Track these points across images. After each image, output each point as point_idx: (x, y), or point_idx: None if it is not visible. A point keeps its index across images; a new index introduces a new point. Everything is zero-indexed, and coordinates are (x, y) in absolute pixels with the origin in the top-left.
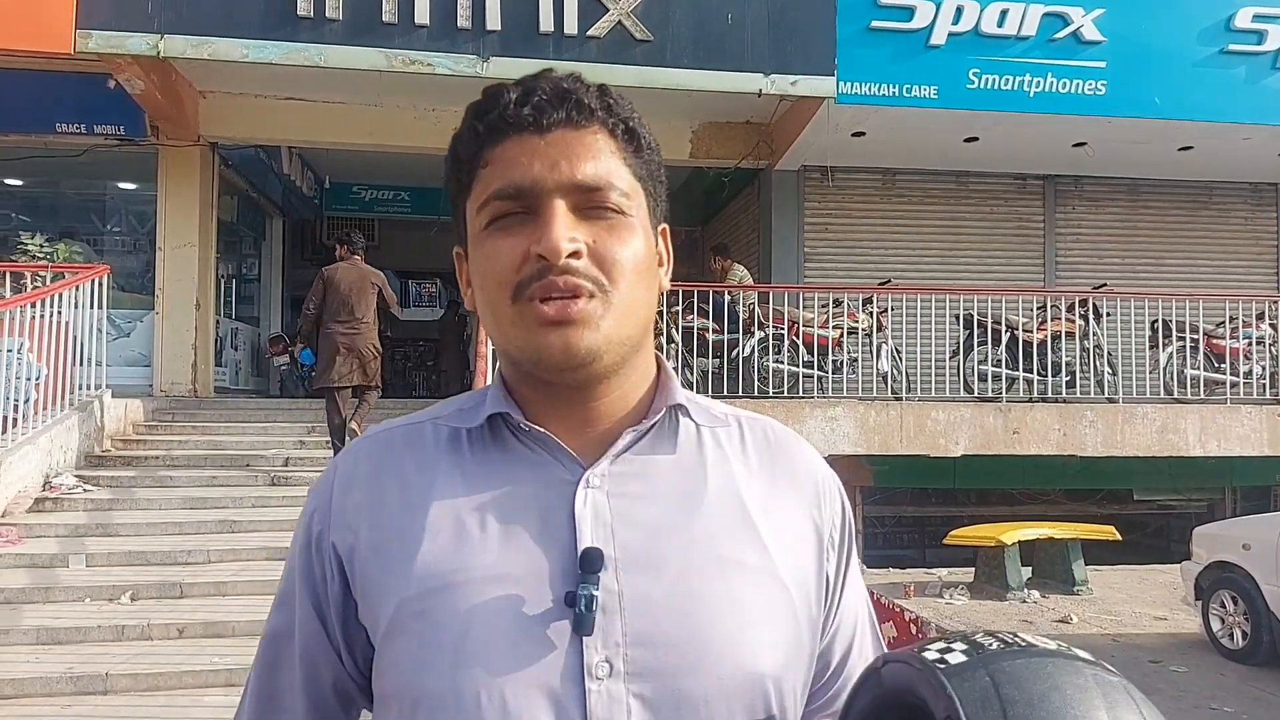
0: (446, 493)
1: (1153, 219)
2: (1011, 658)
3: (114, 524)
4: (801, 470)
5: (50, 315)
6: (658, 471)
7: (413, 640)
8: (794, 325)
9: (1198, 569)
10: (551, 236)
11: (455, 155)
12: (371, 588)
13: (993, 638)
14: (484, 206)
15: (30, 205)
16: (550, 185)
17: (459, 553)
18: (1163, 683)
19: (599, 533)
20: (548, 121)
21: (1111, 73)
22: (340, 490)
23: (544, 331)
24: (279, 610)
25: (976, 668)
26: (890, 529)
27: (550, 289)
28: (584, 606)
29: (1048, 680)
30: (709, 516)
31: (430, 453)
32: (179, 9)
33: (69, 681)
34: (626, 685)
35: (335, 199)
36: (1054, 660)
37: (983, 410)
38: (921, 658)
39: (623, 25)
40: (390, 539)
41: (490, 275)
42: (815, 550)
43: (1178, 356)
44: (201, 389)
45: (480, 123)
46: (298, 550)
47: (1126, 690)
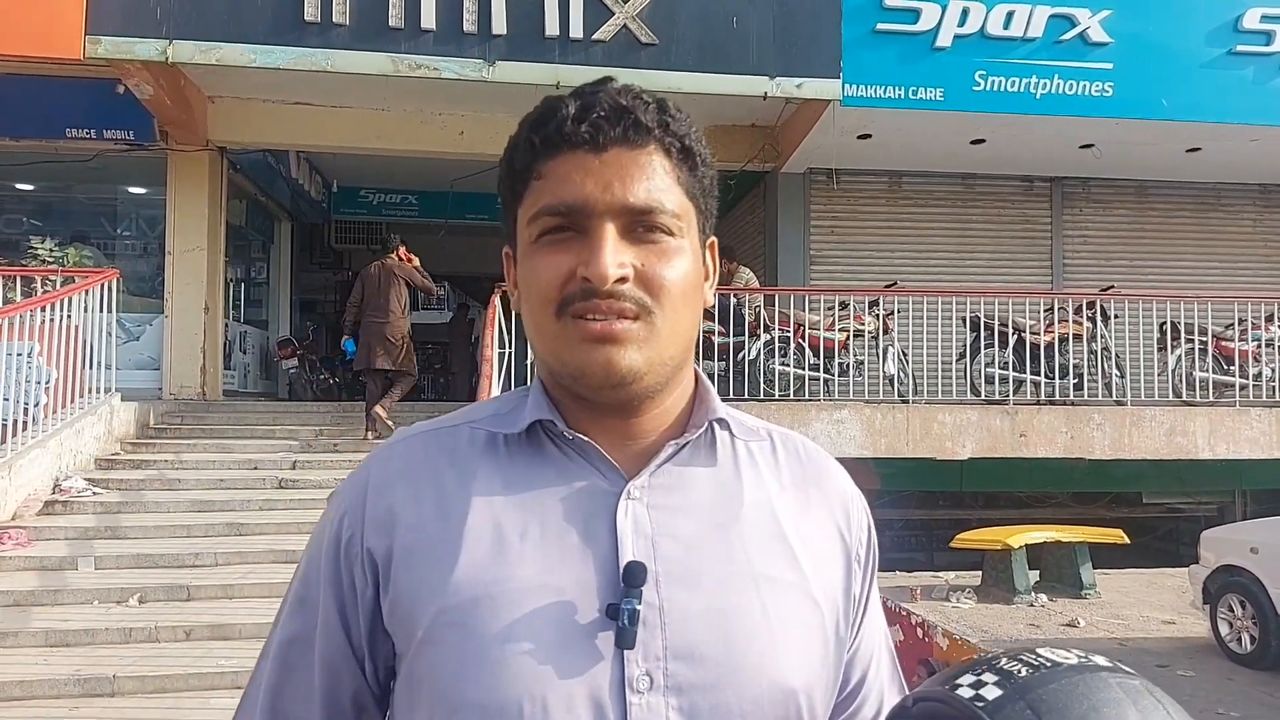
0: (485, 499)
1: (1161, 221)
2: (1043, 683)
3: (122, 526)
4: (832, 488)
5: (60, 319)
6: (696, 485)
7: (452, 649)
8: (800, 328)
9: (1205, 572)
10: (600, 262)
11: (510, 164)
12: (406, 594)
13: (1017, 661)
14: (534, 220)
15: (42, 210)
16: (601, 207)
17: (499, 562)
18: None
19: (640, 545)
20: (604, 140)
21: (1119, 74)
22: (374, 493)
23: (586, 348)
24: (295, 616)
25: (1015, 700)
26: (897, 532)
27: (594, 310)
28: (627, 620)
29: (1083, 701)
30: (745, 531)
31: (467, 457)
32: (187, 15)
33: (76, 684)
34: (666, 699)
35: (343, 203)
36: (1082, 677)
37: (990, 413)
38: (957, 697)
39: (628, 29)
40: (428, 545)
41: (535, 289)
42: (844, 568)
43: (1186, 359)
44: (210, 392)
45: (536, 135)
46: (323, 554)
47: (1150, 693)
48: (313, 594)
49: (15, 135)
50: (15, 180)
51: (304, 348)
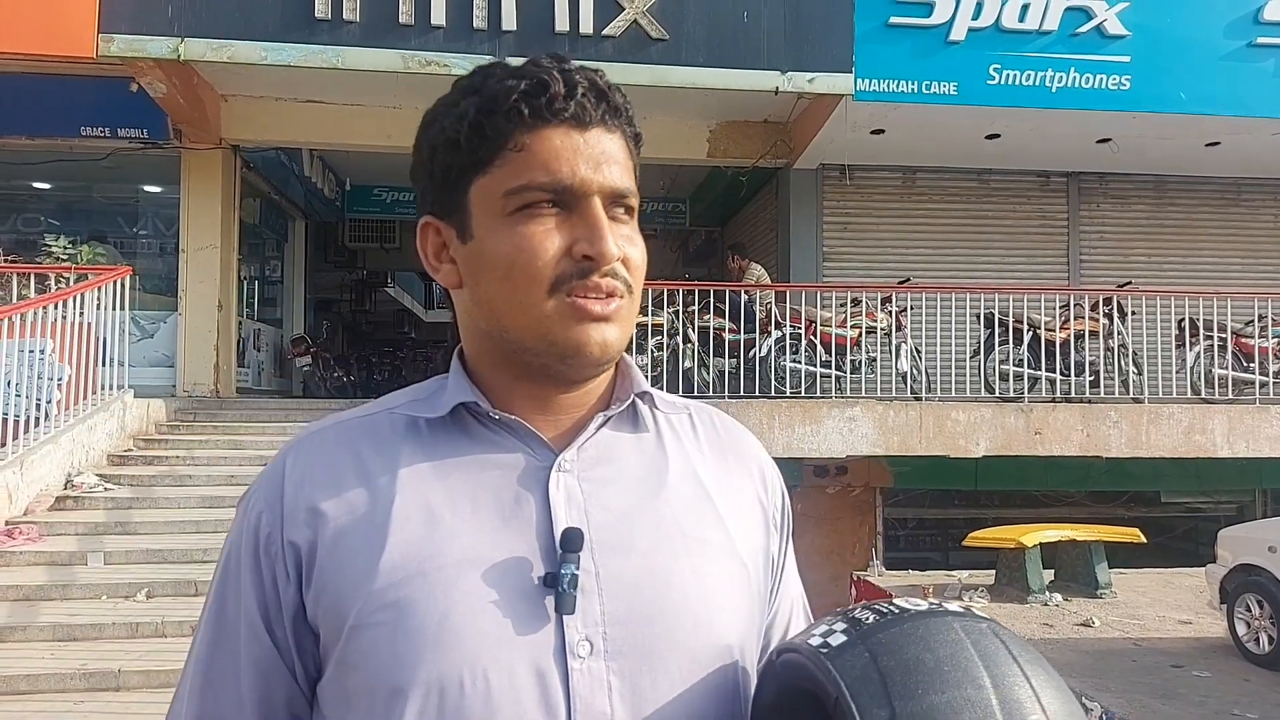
0: (412, 480)
1: (1179, 216)
2: (886, 628)
3: (133, 522)
4: (748, 455)
5: (74, 316)
6: (623, 455)
7: (388, 630)
8: (812, 325)
9: (1223, 572)
10: (607, 241)
11: (478, 128)
12: (334, 582)
13: (870, 611)
14: (516, 192)
15: (58, 209)
16: (594, 187)
17: (431, 540)
18: (1185, 687)
19: (573, 515)
20: (588, 119)
21: (1136, 67)
22: (292, 487)
23: (584, 327)
24: (214, 624)
25: (855, 645)
26: (911, 531)
27: (594, 289)
28: (567, 585)
29: (920, 643)
30: (673, 497)
31: (390, 442)
32: (199, 12)
33: (82, 678)
34: (606, 663)
35: (356, 201)
36: (924, 621)
37: (1004, 411)
38: (807, 645)
39: (638, 24)
40: (354, 530)
41: (520, 265)
42: (763, 529)
43: (1205, 356)
44: (224, 389)
45: (526, 105)
46: (241, 556)
47: (995, 634)
48: (231, 599)
49: (31, 134)
50: (31, 179)
51: (318, 345)
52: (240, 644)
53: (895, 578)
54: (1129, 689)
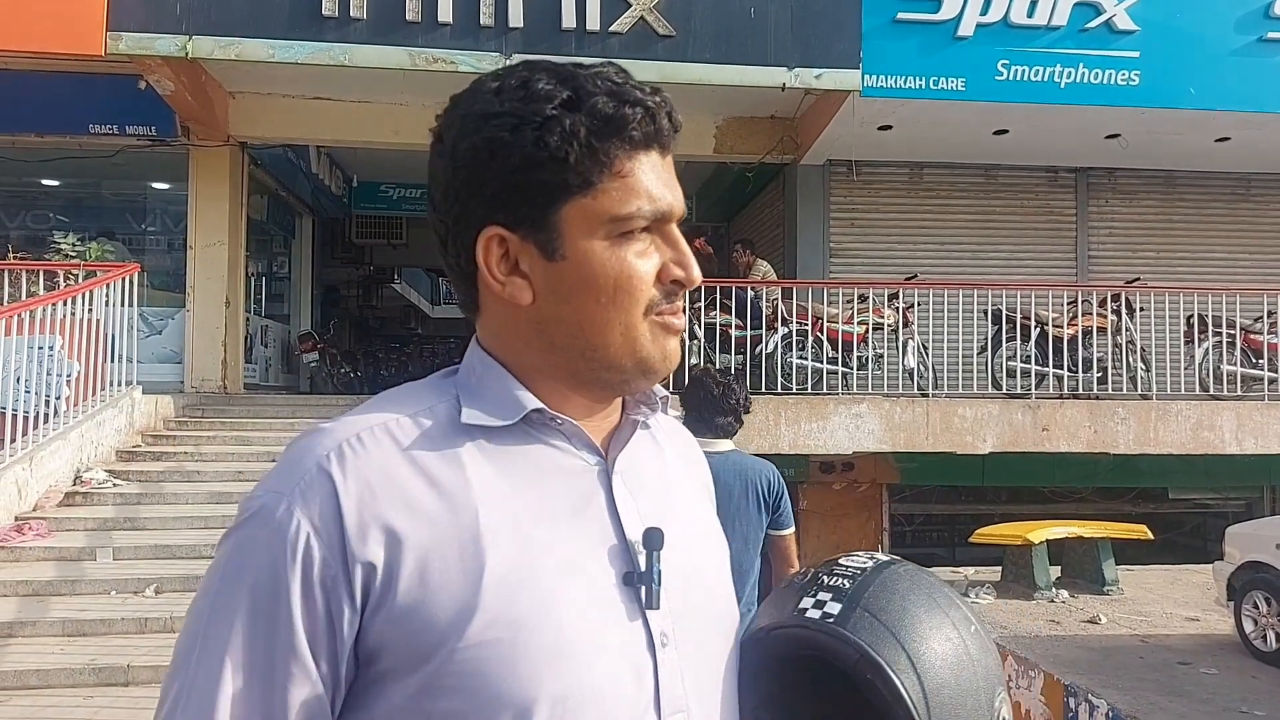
0: (488, 491)
1: (1189, 212)
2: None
3: (141, 518)
4: (685, 439)
5: (82, 313)
6: (643, 458)
7: (505, 648)
8: (819, 321)
9: (1230, 569)
10: (695, 269)
11: (591, 150)
12: (424, 604)
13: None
14: (624, 220)
15: (67, 205)
16: (678, 213)
17: (528, 553)
18: (1192, 685)
19: (633, 516)
20: (667, 145)
21: (1145, 63)
22: (354, 501)
23: (669, 342)
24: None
25: (854, 608)
26: (918, 527)
27: (676, 310)
28: (656, 582)
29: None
30: (679, 495)
31: (448, 449)
32: (207, 10)
33: (92, 673)
34: (678, 652)
35: (364, 198)
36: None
37: (1011, 407)
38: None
39: (645, 20)
40: (443, 549)
41: (625, 289)
42: (711, 508)
43: (1214, 352)
44: (231, 385)
45: (639, 131)
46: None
47: (921, 572)
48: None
49: (40, 131)
50: (41, 176)
51: (325, 341)
52: (277, 686)
53: None
54: (1136, 686)
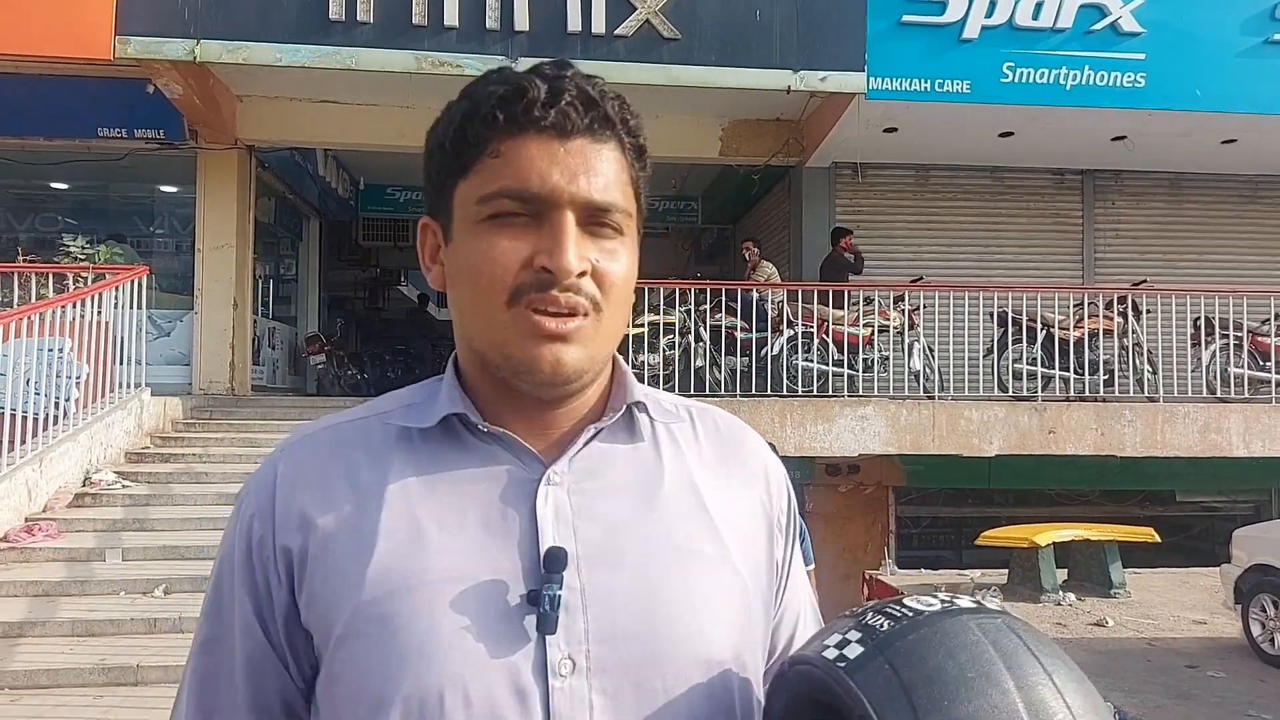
0: (401, 492)
1: (1195, 214)
2: (902, 635)
3: (150, 519)
4: (751, 458)
5: (91, 315)
6: (616, 467)
7: (373, 643)
8: (824, 323)
9: (1238, 572)
10: (566, 255)
11: (461, 134)
12: (323, 590)
13: (881, 615)
14: (488, 200)
15: (76, 208)
16: (565, 198)
17: (417, 553)
18: (1200, 688)
19: (561, 530)
20: (571, 128)
21: (1151, 64)
22: (283, 492)
23: (537, 343)
24: (211, 622)
25: (874, 657)
26: (925, 529)
27: (551, 303)
28: (548, 606)
29: (939, 649)
30: (666, 509)
31: (380, 450)
32: (215, 15)
33: (101, 673)
34: (589, 681)
35: (370, 200)
36: (941, 624)
37: (1017, 409)
38: (823, 658)
39: (650, 24)
40: (342, 540)
41: (483, 274)
42: (766, 535)
43: (1221, 354)
44: (239, 387)
45: (502, 112)
46: (236, 558)
47: (1011, 629)
48: (226, 599)
49: (49, 135)
50: (50, 179)
51: (332, 343)
52: (236, 642)
53: (908, 576)
54: (1143, 689)
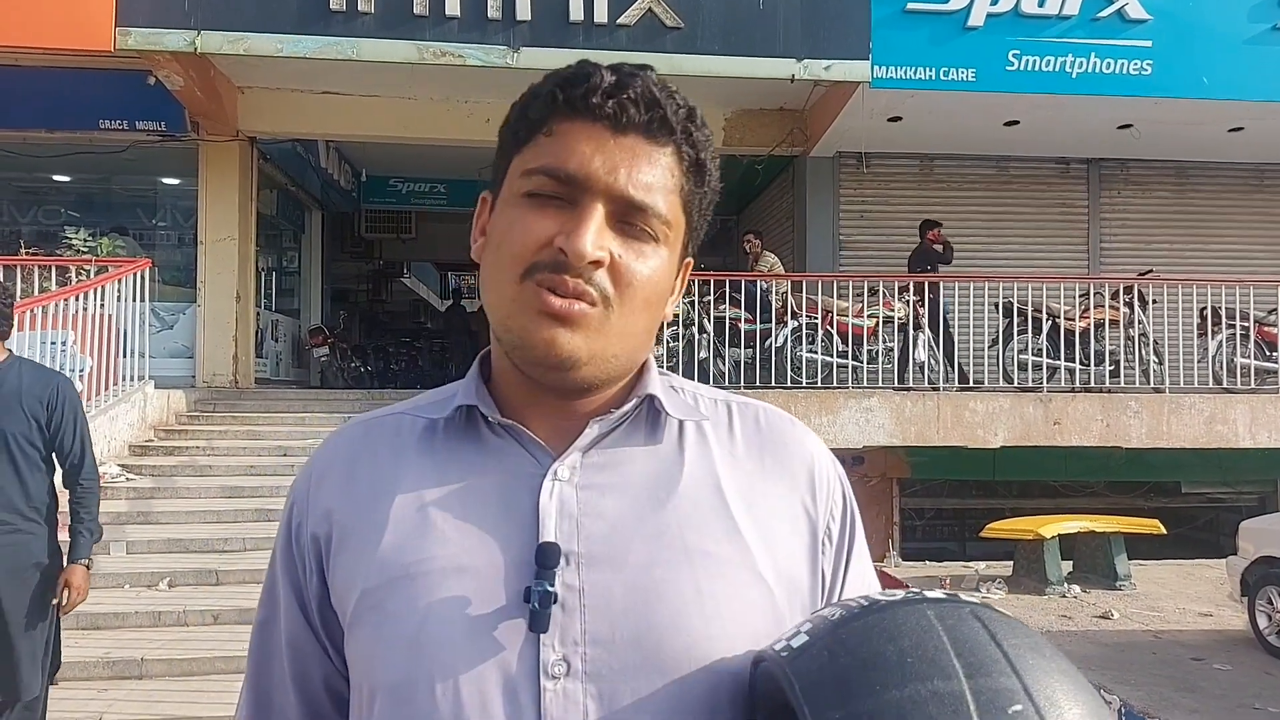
0: (413, 483)
1: (1202, 203)
2: (850, 622)
3: (154, 512)
4: (795, 458)
5: (95, 308)
6: (630, 463)
7: (371, 630)
8: (828, 314)
9: (1244, 564)
10: (581, 239)
11: (524, 111)
12: (339, 577)
13: (840, 607)
14: (529, 174)
15: (78, 201)
16: (599, 186)
17: (421, 543)
18: (1206, 680)
19: (564, 526)
20: (626, 122)
21: (1158, 52)
22: (316, 483)
23: (538, 320)
24: (265, 605)
25: (815, 644)
26: (929, 521)
27: (558, 285)
28: (539, 603)
29: (883, 634)
30: (680, 507)
31: (403, 442)
32: (216, 5)
33: (106, 666)
34: (584, 685)
35: (373, 192)
36: (893, 611)
37: (1022, 401)
38: (773, 650)
39: (653, 12)
40: (358, 529)
41: (508, 244)
42: (808, 542)
43: (1227, 345)
44: (242, 380)
45: (563, 92)
46: (279, 544)
47: (976, 617)
48: (275, 582)
49: (50, 127)
50: (52, 171)
51: (335, 336)
52: (282, 625)
53: (912, 569)
54: (1149, 681)
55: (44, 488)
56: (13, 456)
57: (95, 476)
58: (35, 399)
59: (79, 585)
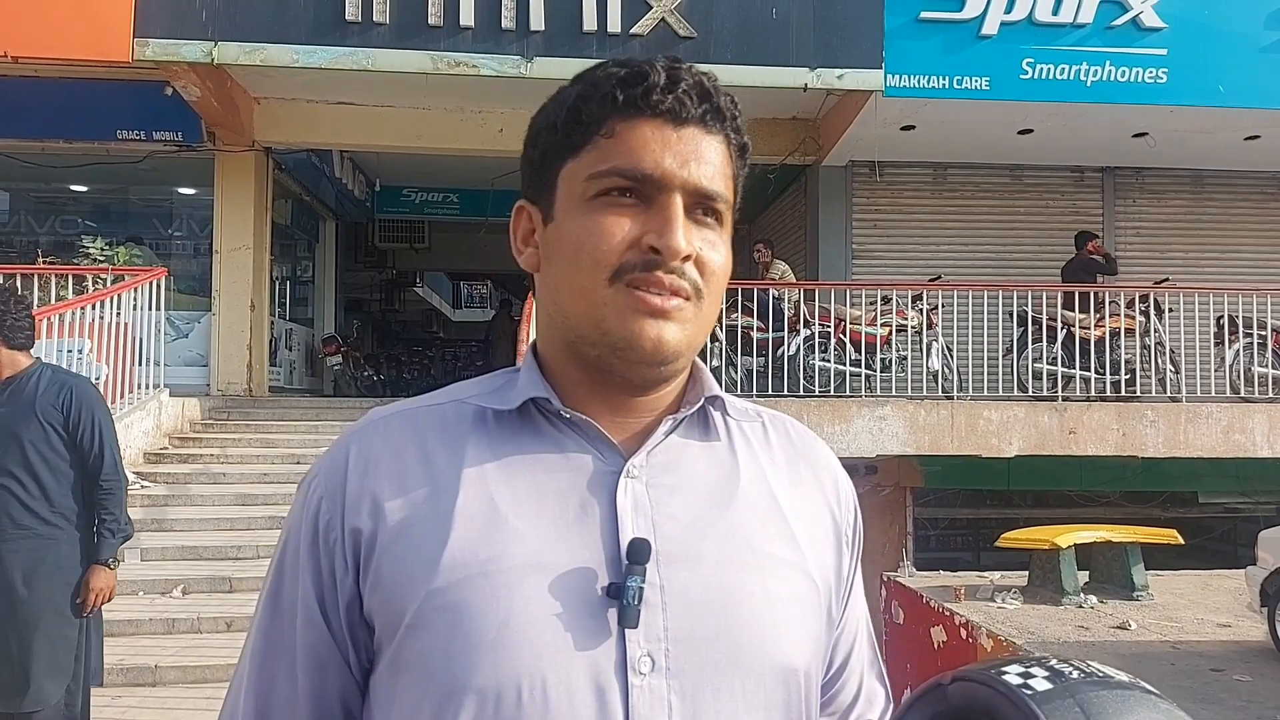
0: (477, 476)
1: (1218, 211)
2: (1094, 688)
3: (168, 519)
4: (822, 468)
5: (111, 317)
6: (693, 463)
7: (445, 632)
8: (841, 323)
9: (1263, 574)
10: (676, 235)
11: (576, 113)
12: (392, 577)
13: (1068, 665)
14: (599, 177)
15: (95, 211)
16: (677, 182)
17: (494, 540)
18: (1225, 692)
19: (640, 524)
20: (686, 116)
21: (1173, 60)
22: (355, 474)
23: (639, 321)
24: (270, 613)
25: (1065, 696)
26: (943, 531)
27: (655, 284)
28: (632, 599)
29: (1134, 714)
30: (743, 509)
31: (457, 435)
32: (232, 16)
33: (119, 673)
34: (667, 681)
35: (386, 202)
36: (1133, 693)
37: (1037, 409)
38: (1005, 682)
39: (666, 22)
40: (416, 524)
41: (588, 249)
42: (835, 547)
43: (1245, 353)
44: (256, 388)
45: (622, 92)
46: (301, 543)
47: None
48: (289, 585)
49: (68, 137)
50: (69, 181)
51: (348, 345)
52: (296, 632)
53: (926, 578)
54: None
55: (70, 492)
56: (30, 463)
57: (117, 476)
58: (49, 404)
59: (98, 587)
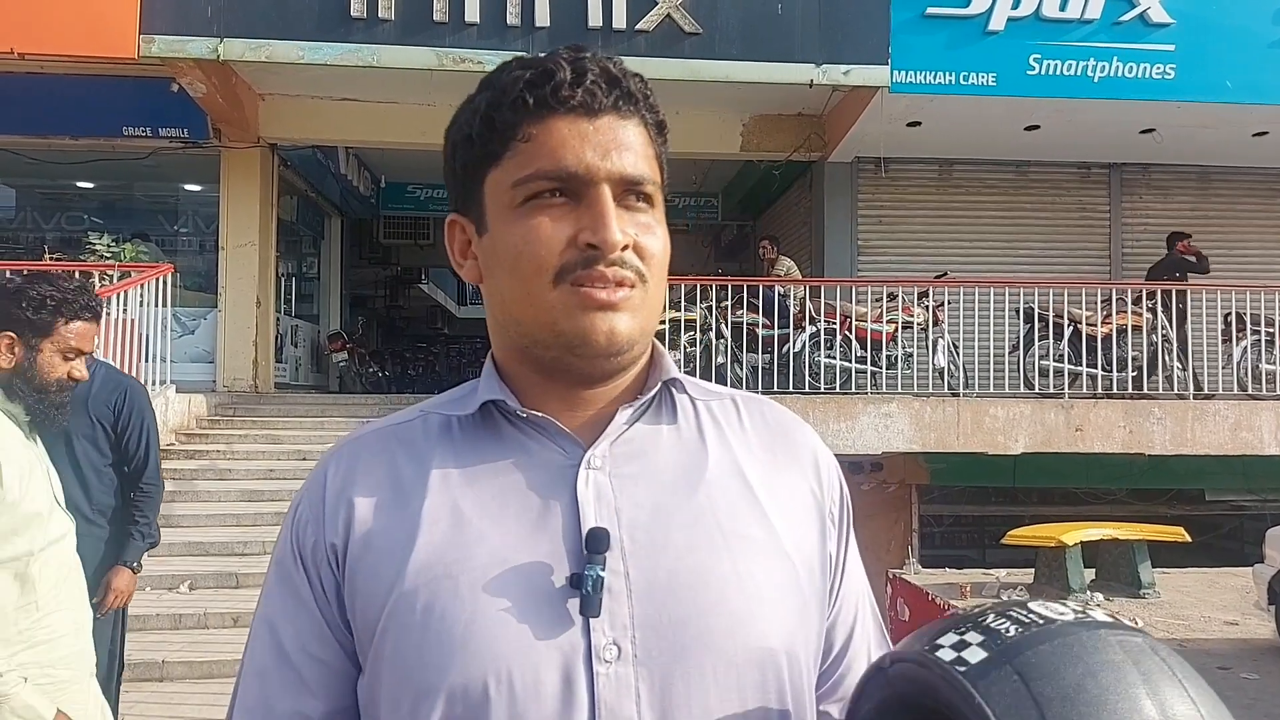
0: (442, 482)
1: (1225, 208)
2: (1033, 643)
3: (175, 515)
4: (800, 447)
5: (117, 313)
6: (657, 449)
7: (414, 633)
8: (847, 320)
9: (1271, 572)
10: (610, 229)
11: (489, 122)
12: (365, 585)
13: (1005, 618)
14: (523, 183)
15: (101, 207)
16: (601, 174)
17: (458, 542)
18: (1232, 689)
19: (603, 514)
20: (598, 105)
21: (1180, 56)
22: (332, 493)
23: (589, 316)
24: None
25: (1000, 665)
26: (948, 528)
27: (598, 279)
28: (590, 588)
29: (1079, 664)
30: (711, 491)
31: (421, 445)
32: (237, 13)
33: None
34: (635, 669)
35: (391, 198)
36: (1078, 635)
37: (1044, 407)
38: (937, 660)
39: (671, 18)
40: (385, 532)
41: (527, 256)
42: (818, 526)
43: (1252, 350)
44: (262, 385)
45: (531, 94)
46: (288, 568)
47: (1155, 652)
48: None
49: (74, 134)
50: (76, 178)
51: (354, 341)
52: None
53: (931, 576)
54: None
55: (110, 490)
56: (75, 458)
57: (158, 482)
58: (103, 403)
59: (119, 588)
